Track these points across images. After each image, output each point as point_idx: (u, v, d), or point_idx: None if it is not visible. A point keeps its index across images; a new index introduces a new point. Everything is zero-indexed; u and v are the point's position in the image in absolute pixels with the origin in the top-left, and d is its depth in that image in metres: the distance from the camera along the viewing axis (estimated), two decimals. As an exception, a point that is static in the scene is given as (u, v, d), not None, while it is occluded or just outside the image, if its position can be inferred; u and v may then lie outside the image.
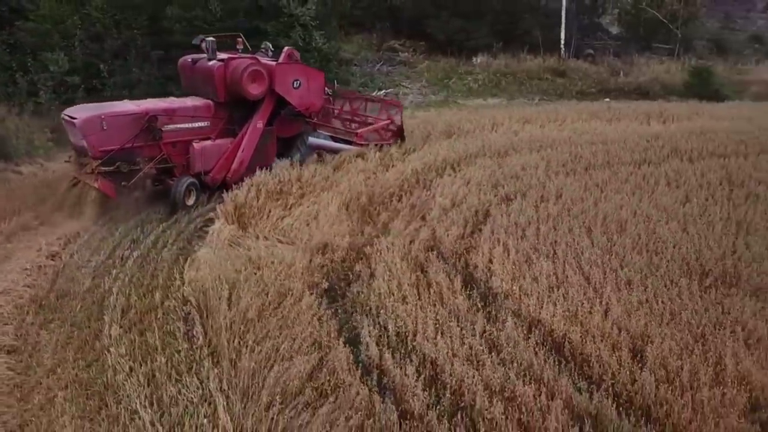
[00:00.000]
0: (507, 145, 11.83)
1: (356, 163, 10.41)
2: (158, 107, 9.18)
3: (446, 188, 9.12)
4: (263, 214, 8.25)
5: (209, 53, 9.69)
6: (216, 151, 9.55)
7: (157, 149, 8.97)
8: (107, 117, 8.50)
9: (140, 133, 8.67)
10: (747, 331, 5.79)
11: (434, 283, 6.24)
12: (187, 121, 9.35)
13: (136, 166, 8.67)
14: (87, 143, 8.35)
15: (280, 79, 9.94)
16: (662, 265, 7.09)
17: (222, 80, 9.49)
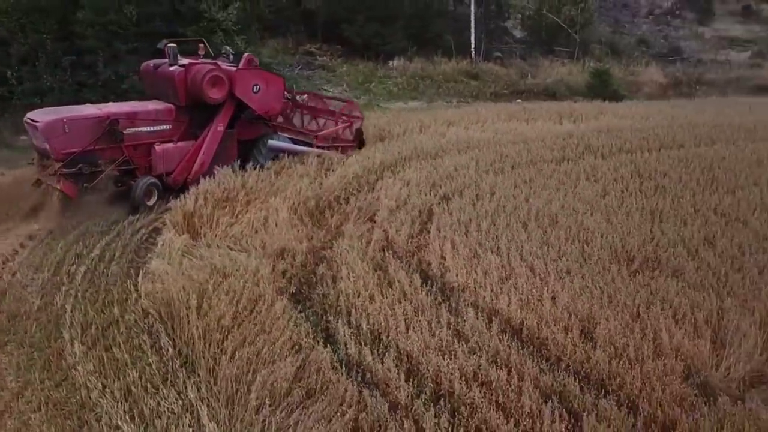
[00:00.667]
0: (437, 147, 12.33)
1: (297, 168, 10.54)
2: (120, 111, 9.46)
3: (389, 190, 9.45)
4: (212, 223, 8.22)
5: (171, 58, 9.93)
6: (177, 154, 9.84)
7: (119, 151, 9.25)
8: (69, 120, 8.76)
9: (102, 136, 8.98)
10: (673, 308, 6.50)
11: (396, 282, 6.54)
12: (149, 124, 9.63)
13: (98, 168, 8.94)
14: (49, 146, 8.59)
15: (240, 84, 10.28)
16: (594, 253, 7.75)
17: (183, 85, 9.81)
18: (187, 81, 9.82)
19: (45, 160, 9.04)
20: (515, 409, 4.73)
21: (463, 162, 11.37)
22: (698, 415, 4.75)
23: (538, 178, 10.74)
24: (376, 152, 11.54)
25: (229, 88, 10.10)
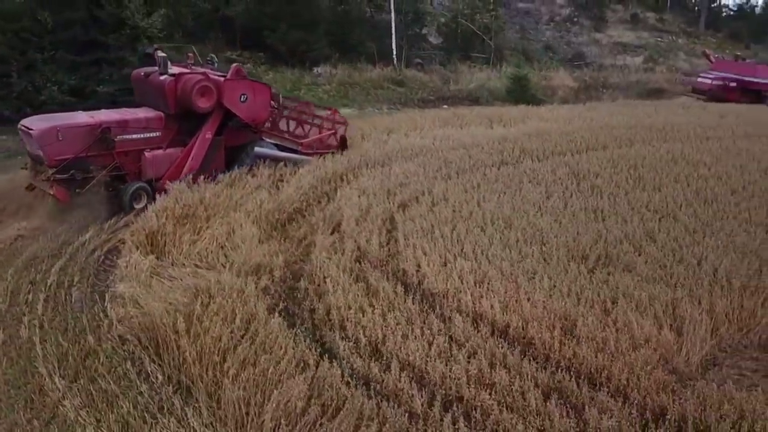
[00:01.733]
0: (383, 154, 12.50)
1: (249, 180, 10.36)
2: (112, 119, 9.70)
3: (348, 199, 9.50)
4: (175, 241, 7.94)
5: (161, 68, 10.13)
6: (167, 160, 10.12)
7: (110, 158, 9.50)
8: (63, 128, 9.01)
9: (94, 143, 9.25)
10: (635, 301, 7.00)
11: (380, 292, 6.63)
12: (140, 131, 9.90)
13: (90, 174, 9.19)
14: (43, 153, 8.83)
15: (228, 94, 10.59)
16: (552, 253, 8.19)
17: (173, 94, 10.06)
18: (176, 90, 10.06)
19: (38, 165, 9.22)
20: (523, 408, 4.97)
21: (412, 169, 11.61)
22: (683, 399, 5.19)
23: (485, 183, 11.14)
24: (327, 161, 11.53)
25: (218, 98, 10.40)
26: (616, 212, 10.03)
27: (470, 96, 22.31)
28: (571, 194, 10.79)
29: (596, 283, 7.38)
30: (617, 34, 47.91)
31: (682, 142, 15.58)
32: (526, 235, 8.76)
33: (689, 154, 14.28)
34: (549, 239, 8.69)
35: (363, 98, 20.52)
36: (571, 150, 13.87)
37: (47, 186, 9.02)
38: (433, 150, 13.25)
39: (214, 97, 10.36)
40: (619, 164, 12.91)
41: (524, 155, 13.21)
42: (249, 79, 11.49)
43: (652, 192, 11.23)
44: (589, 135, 15.41)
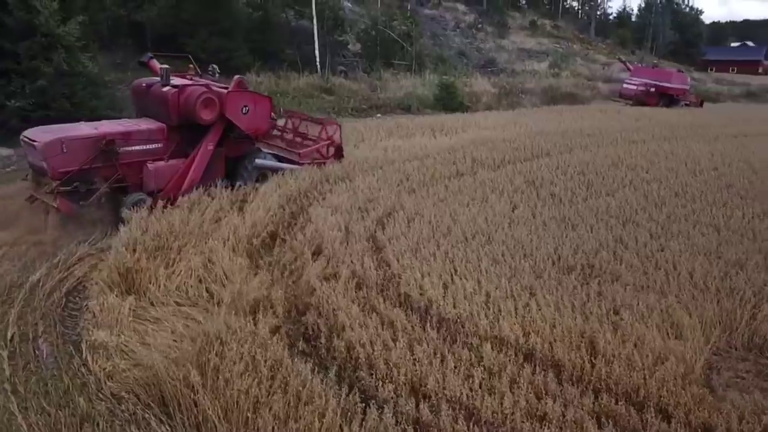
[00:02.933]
0: (340, 169, 12.08)
1: (208, 202, 9.61)
2: (115, 131, 9.58)
3: (323, 220, 9.03)
4: (150, 277, 7.15)
5: (163, 79, 10.08)
6: (169, 171, 10.02)
7: (113, 169, 9.38)
8: (67, 140, 8.86)
9: (98, 154, 9.12)
10: (636, 313, 7.08)
11: (396, 322, 6.27)
12: (142, 143, 9.80)
13: (93, 186, 9.09)
14: (47, 165, 8.70)
15: (231, 106, 10.52)
16: (541, 266, 8.20)
17: (176, 106, 9.96)
18: (179, 102, 9.96)
19: (40, 177, 9.12)
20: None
21: (374, 183, 11.30)
22: (724, 413, 5.26)
23: (449, 195, 11.04)
24: (285, 179, 10.97)
25: (220, 109, 10.33)
26: (583, 220, 10.23)
27: (401, 104, 22.27)
28: (535, 204, 10.91)
29: (593, 296, 7.40)
30: (519, 40, 50.07)
31: (614, 147, 16.37)
32: (510, 249, 8.70)
33: (625, 159, 15.00)
34: (531, 251, 8.68)
35: (296, 108, 19.84)
36: (519, 158, 14.12)
37: (51, 198, 8.84)
38: (388, 162, 13.01)
39: (217, 108, 10.31)
40: (567, 171, 13.30)
41: (477, 165, 13.27)
42: (250, 90, 11.45)
43: (606, 198, 11.61)
44: (530, 142, 15.80)
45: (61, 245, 8.35)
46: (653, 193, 12.04)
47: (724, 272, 8.36)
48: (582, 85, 32.89)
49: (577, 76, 37.10)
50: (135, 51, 23.48)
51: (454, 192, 11.29)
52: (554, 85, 30.51)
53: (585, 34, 61.74)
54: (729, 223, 10.53)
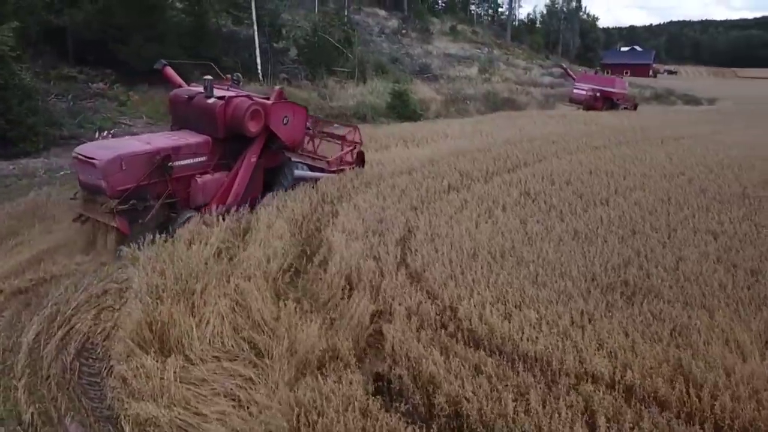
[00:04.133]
0: (333, 187, 11.34)
1: (206, 233, 8.58)
2: (168, 145, 9.26)
3: (345, 247, 8.27)
4: (179, 328, 6.14)
5: (207, 90, 9.85)
6: (214, 185, 9.82)
7: (165, 185, 9.13)
8: (126, 157, 8.59)
9: (153, 170, 8.83)
10: (702, 333, 6.82)
11: (485, 366, 5.68)
12: (190, 156, 9.51)
13: (147, 203, 8.79)
14: (106, 183, 8.39)
15: (274, 117, 10.40)
16: (581, 286, 7.87)
17: (223, 118, 9.73)
18: (226, 114, 9.74)
19: (94, 196, 8.72)
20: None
21: (374, 201, 10.65)
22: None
23: (456, 212, 10.56)
24: (277, 200, 10.16)
25: (264, 121, 10.18)
26: (593, 233, 10.03)
27: (356, 113, 21.58)
28: (540, 218, 10.65)
29: (649, 317, 7.15)
30: (443, 45, 50.62)
31: (582, 153, 16.55)
32: (544, 269, 8.33)
33: (598, 165, 15.15)
34: (564, 270, 8.35)
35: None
36: (502, 169, 13.90)
37: (108, 218, 8.48)
38: (377, 177, 12.36)
39: (262, 120, 10.17)
40: (553, 180, 13.20)
41: (466, 178, 12.91)
42: (289, 101, 11.30)
43: (603, 208, 11.54)
44: (504, 151, 15.66)
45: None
46: (642, 202, 12.12)
47: (748, 282, 8.37)
48: (516, 90, 33.58)
49: (506, 80, 37.88)
50: (55, 59, 21.43)
51: (457, 208, 10.82)
52: (492, 90, 30.88)
53: (501, 39, 63.50)
54: (723, 229, 10.70)
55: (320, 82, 24.87)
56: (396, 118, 21.03)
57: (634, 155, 16.99)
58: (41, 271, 7.88)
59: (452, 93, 27.77)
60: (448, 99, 26.47)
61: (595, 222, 10.59)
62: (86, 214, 8.88)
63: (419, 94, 25.83)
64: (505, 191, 11.97)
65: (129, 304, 6.51)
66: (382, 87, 24.64)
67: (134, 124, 16.32)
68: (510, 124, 20.78)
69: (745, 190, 13.88)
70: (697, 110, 42.86)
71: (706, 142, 22.04)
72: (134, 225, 8.61)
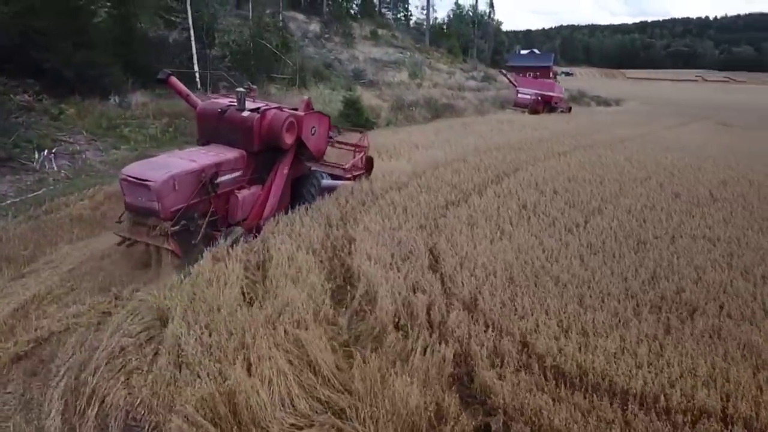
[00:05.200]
0: (330, 205, 10.57)
1: (221, 269, 7.58)
2: (212, 161, 8.94)
3: (379, 277, 7.57)
4: (240, 394, 5.24)
5: (240, 103, 9.66)
6: (251, 200, 9.64)
7: (208, 203, 8.85)
8: (178, 177, 8.24)
9: (200, 189, 8.58)
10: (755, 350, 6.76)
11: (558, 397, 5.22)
12: (229, 172, 9.25)
13: (195, 223, 8.50)
14: (160, 205, 8.04)
15: (305, 128, 10.33)
16: (628, 307, 7.62)
17: (259, 131, 9.54)
18: (262, 127, 9.58)
19: (145, 218, 8.24)
20: None
21: (381, 222, 10.00)
22: None
23: (466, 229, 10.08)
24: (284, 222, 9.37)
25: (297, 132, 10.12)
26: (605, 246, 9.92)
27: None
28: (550, 232, 10.41)
29: (713, 336, 6.99)
30: (367, 50, 50.21)
31: (551, 160, 16.66)
32: (585, 290, 8.05)
33: (570, 172, 15.23)
34: (603, 289, 8.10)
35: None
36: (487, 180, 13.62)
37: (161, 241, 8.07)
38: (370, 194, 11.68)
39: (296, 131, 10.09)
40: (542, 190, 13.08)
41: (458, 191, 12.48)
42: (316, 111, 11.10)
43: (600, 218, 11.49)
44: (480, 161, 15.44)
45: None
46: (632, 210, 12.20)
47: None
48: (452, 95, 33.72)
49: (437, 85, 38.02)
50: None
51: (467, 224, 10.34)
52: (431, 96, 30.79)
53: (420, 43, 64.06)
54: (718, 235, 10.93)
55: (262, 90, 23.66)
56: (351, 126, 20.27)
57: (597, 160, 17.30)
58: (33, 328, 6.63)
59: (395, 99, 27.35)
60: (394, 106, 26.03)
61: (602, 234, 10.48)
62: (134, 237, 8.36)
63: (364, 102, 25.18)
64: (503, 204, 11.66)
65: (168, 367, 5.51)
66: (327, 94, 23.82)
67: (76, 141, 14.58)
68: (468, 132, 20.65)
69: (711, 192, 14.43)
70: (611, 111, 45.10)
71: (645, 143, 23.01)
72: (187, 247, 8.23)
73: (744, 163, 19.60)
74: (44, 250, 8.78)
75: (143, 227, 8.24)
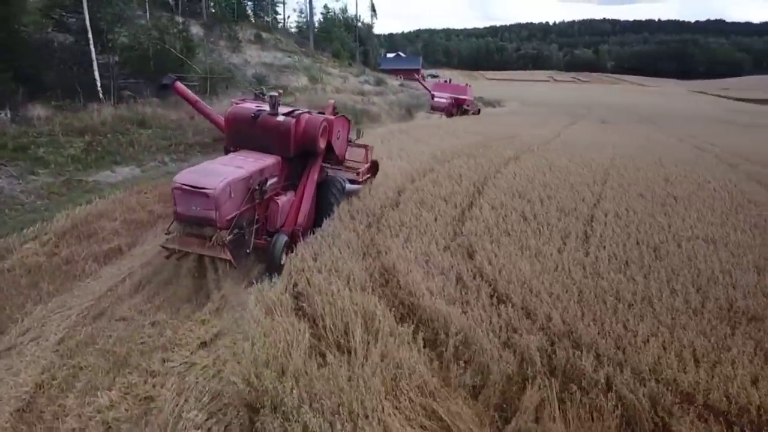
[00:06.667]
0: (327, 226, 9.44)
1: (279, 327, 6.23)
2: (256, 167, 8.54)
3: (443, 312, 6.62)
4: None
5: (273, 108, 9.36)
6: (288, 206, 9.34)
7: (253, 210, 8.53)
8: (233, 183, 7.86)
9: (249, 195, 8.28)
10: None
11: None
12: (270, 178, 8.87)
13: (244, 231, 8.25)
14: (218, 214, 7.63)
15: (334, 132, 10.20)
16: (682, 311, 7.38)
17: (295, 136, 9.30)
18: (298, 132, 9.37)
19: (200, 229, 7.77)
20: None
21: (397, 242, 9.05)
22: None
23: (494, 248, 9.35)
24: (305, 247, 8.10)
25: (328, 136, 10.02)
26: (628, 256, 9.63)
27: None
28: (571, 244, 9.97)
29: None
30: (256, 54, 48.11)
31: (510, 166, 16.40)
32: (645, 305, 7.67)
33: (538, 179, 15.06)
34: (671, 306, 7.70)
35: (125, 151, 14.88)
36: (467, 191, 13.01)
37: (217, 251, 7.73)
38: (363, 211, 10.69)
39: (326, 135, 9.93)
40: (528, 199, 12.65)
41: (447, 205, 11.72)
42: (339, 115, 10.94)
43: (598, 225, 11.29)
44: (447, 170, 14.97)
45: None
46: (619, 214, 12.14)
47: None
48: (362, 100, 32.92)
49: (340, 91, 37.03)
50: None
51: (489, 241, 9.61)
52: (347, 102, 29.76)
53: (305, 47, 62.71)
54: (711, 236, 11.06)
55: (170, 98, 21.36)
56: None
57: (549, 163, 17.36)
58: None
59: (310, 105, 25.96)
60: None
61: (614, 243, 10.22)
62: (185, 249, 7.88)
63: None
64: (506, 216, 11.10)
65: None
66: (248, 102, 22.01)
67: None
68: (409, 138, 19.93)
69: (668, 191, 14.88)
70: (505, 112, 46.82)
71: (566, 144, 23.76)
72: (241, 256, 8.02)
73: (663, 159, 20.78)
74: (12, 317, 6.79)
75: (197, 238, 7.79)
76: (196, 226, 7.82)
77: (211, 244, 7.73)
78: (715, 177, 17.54)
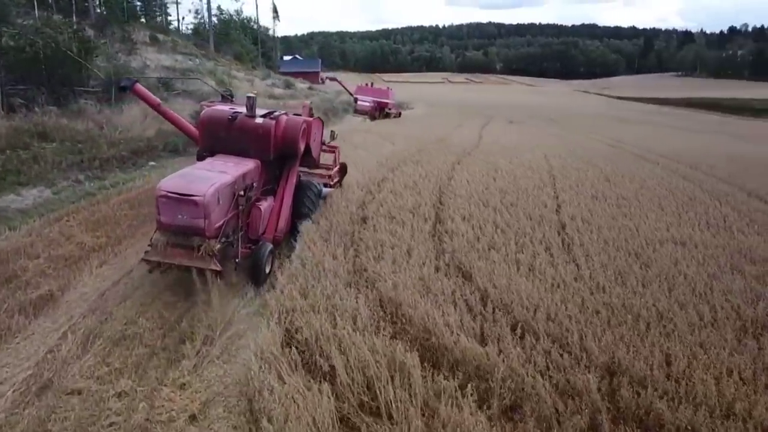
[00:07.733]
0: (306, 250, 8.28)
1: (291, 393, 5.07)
2: (239, 172, 8.10)
3: (464, 350, 5.77)
4: None
5: (250, 110, 8.88)
6: (270, 211, 8.98)
7: (238, 217, 8.06)
8: (221, 189, 7.42)
9: (234, 201, 7.84)
10: None
11: None
12: (253, 183, 8.47)
13: (231, 239, 7.81)
14: (207, 222, 7.18)
15: (312, 133, 9.88)
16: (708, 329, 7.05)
17: (275, 139, 8.87)
18: (278, 134, 8.92)
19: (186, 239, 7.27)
20: None
21: (385, 267, 8.06)
22: None
23: (503, 270, 8.55)
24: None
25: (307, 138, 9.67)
26: (631, 272, 9.05)
27: (166, 146, 16.91)
28: (562, 257, 9.47)
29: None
30: (153, 57, 45.05)
31: (461, 172, 15.95)
32: (681, 323, 7.18)
33: (493, 185, 14.64)
34: (691, 321, 7.30)
35: (47, 169, 12.70)
36: (436, 201, 12.39)
37: (205, 262, 7.12)
38: (334, 230, 9.64)
39: (305, 137, 9.58)
40: (494, 208, 12.09)
41: (417, 215, 10.93)
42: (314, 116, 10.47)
43: (564, 231, 11.04)
44: (403, 180, 14.28)
45: None
46: (588, 221, 11.85)
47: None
48: (277, 105, 31.40)
49: (256, 94, 35.20)
50: None
51: (488, 261, 8.84)
52: (271, 106, 28.11)
53: (205, 49, 59.76)
54: (680, 238, 11.06)
55: (72, 107, 19.01)
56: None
57: (494, 167, 17.08)
58: None
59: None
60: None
61: (597, 252, 9.87)
62: (170, 262, 7.36)
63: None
64: (478, 227, 10.55)
65: None
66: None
67: None
68: (348, 145, 18.74)
69: (619, 193, 14.88)
70: (420, 114, 46.83)
71: (493, 146, 23.80)
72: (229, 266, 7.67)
73: (590, 158, 21.20)
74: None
75: (183, 248, 7.25)
76: (182, 236, 7.31)
77: (199, 255, 7.24)
78: (648, 176, 17.99)
